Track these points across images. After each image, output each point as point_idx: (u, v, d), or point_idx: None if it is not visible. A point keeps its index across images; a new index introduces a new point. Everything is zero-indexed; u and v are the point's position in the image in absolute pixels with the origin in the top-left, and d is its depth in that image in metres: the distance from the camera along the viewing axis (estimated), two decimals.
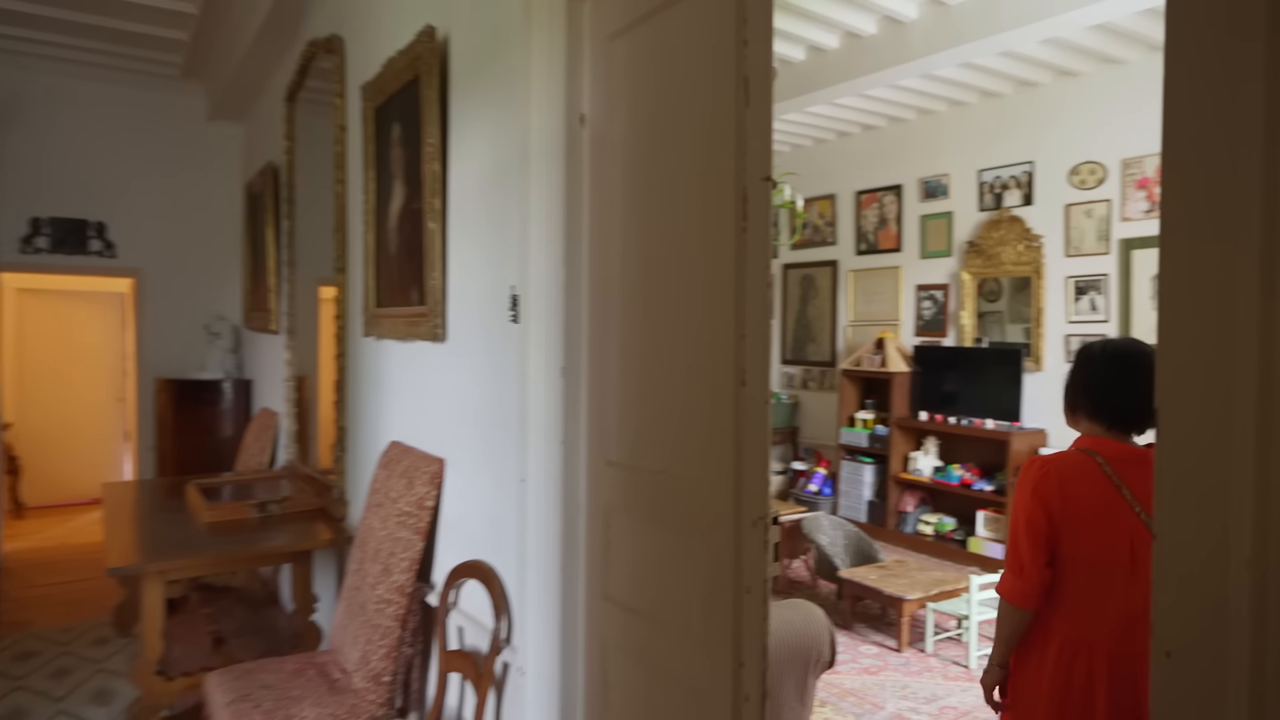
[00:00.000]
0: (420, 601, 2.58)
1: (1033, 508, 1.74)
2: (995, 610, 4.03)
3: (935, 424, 5.95)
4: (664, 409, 1.59)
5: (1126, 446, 1.77)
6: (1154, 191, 5.02)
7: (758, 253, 1.35)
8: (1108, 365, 1.80)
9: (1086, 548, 1.71)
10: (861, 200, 6.94)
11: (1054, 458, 1.79)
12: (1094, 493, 1.72)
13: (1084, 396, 1.82)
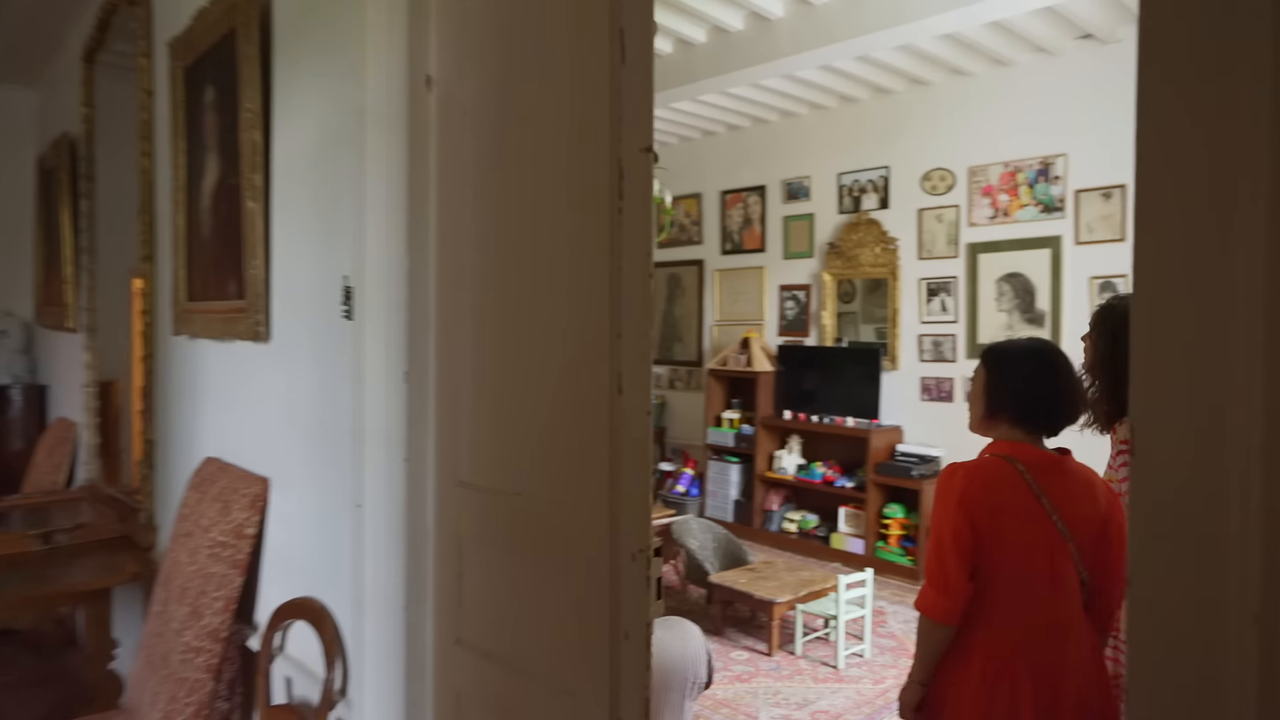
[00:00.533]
0: (239, 647, 2.20)
1: (958, 519, 1.64)
2: (862, 609, 4.08)
3: (799, 422, 6.02)
4: (526, 421, 1.36)
5: (1043, 452, 1.71)
6: (997, 199, 5.29)
7: (637, 237, 1.14)
8: (1033, 368, 1.74)
9: (1009, 559, 1.65)
10: (727, 200, 6.94)
11: (977, 466, 1.71)
12: (1016, 502, 1.65)
13: (1009, 400, 1.74)
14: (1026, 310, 5.17)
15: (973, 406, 1.82)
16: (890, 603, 4.73)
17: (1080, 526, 1.67)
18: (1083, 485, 1.73)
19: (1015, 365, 1.76)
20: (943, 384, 5.55)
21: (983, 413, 1.78)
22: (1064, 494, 1.68)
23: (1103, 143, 4.84)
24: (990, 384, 1.77)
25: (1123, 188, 4.77)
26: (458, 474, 1.55)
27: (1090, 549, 1.68)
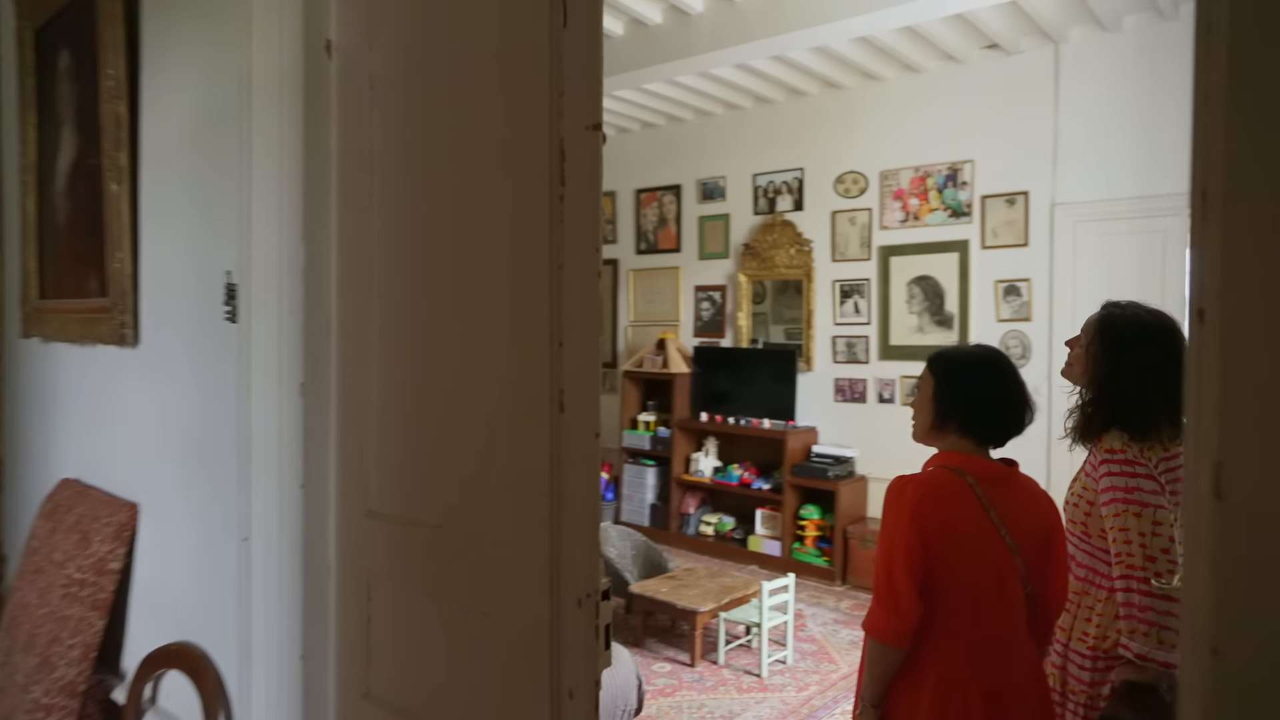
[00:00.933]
0: (101, 702, 1.90)
1: (910, 535, 1.55)
2: (784, 614, 4.04)
3: (715, 424, 5.96)
4: (449, 442, 1.17)
5: (992, 464, 1.65)
6: (908, 203, 5.37)
7: (582, 230, 0.98)
8: (983, 377, 1.67)
9: (960, 575, 1.58)
10: (642, 199, 6.83)
11: (928, 478, 1.63)
12: (966, 516, 1.58)
13: (957, 410, 1.67)
14: (936, 313, 5.27)
15: (918, 415, 1.74)
16: (809, 605, 4.72)
17: (1026, 540, 1.63)
18: (1028, 498, 1.70)
19: (964, 373, 1.69)
20: (856, 385, 5.61)
21: (929, 422, 1.70)
22: (1011, 507, 1.63)
23: (1006, 151, 4.98)
24: (938, 392, 1.70)
25: (1025, 194, 4.92)
26: (365, 502, 1.34)
27: (1035, 563, 1.65)
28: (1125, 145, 4.59)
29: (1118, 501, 1.81)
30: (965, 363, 1.72)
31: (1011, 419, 1.67)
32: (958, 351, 1.77)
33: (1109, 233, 4.67)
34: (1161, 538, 1.79)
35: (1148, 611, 1.67)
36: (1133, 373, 1.82)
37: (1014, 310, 4.98)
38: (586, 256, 0.98)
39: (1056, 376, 4.86)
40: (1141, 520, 1.79)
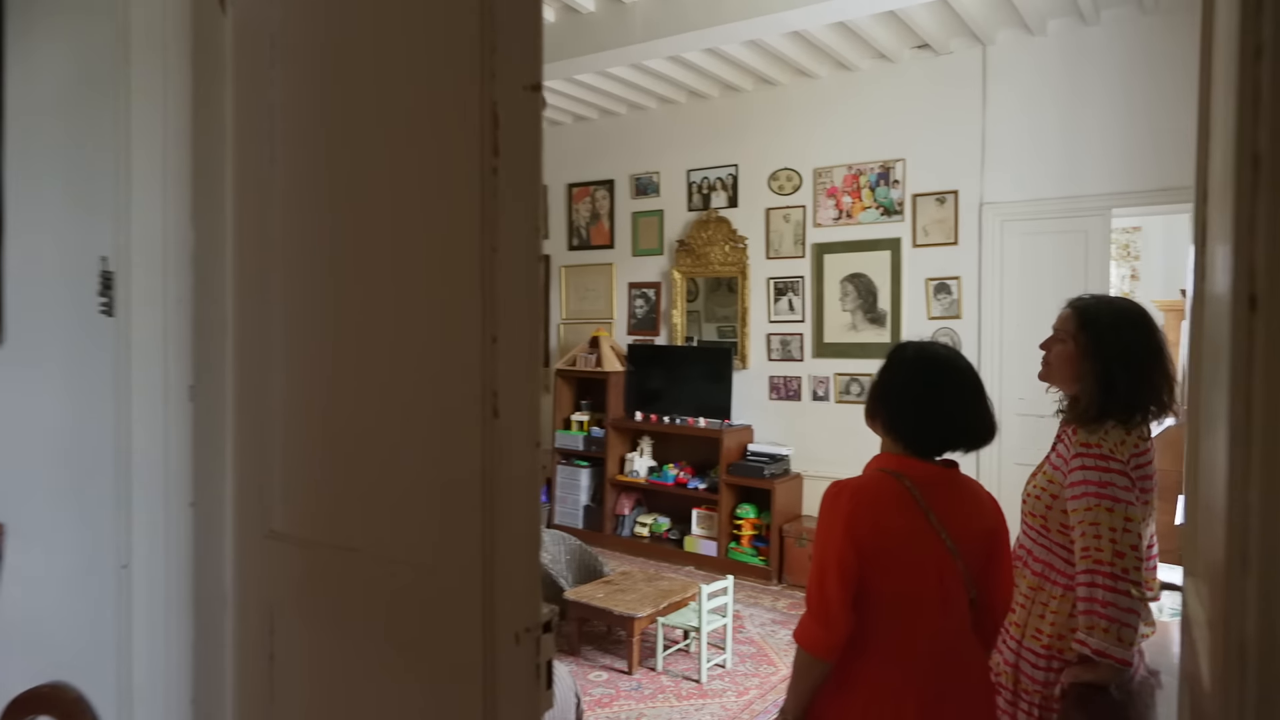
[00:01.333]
0: None
1: (843, 544, 1.47)
2: (723, 618, 3.96)
3: (650, 424, 5.86)
4: (365, 453, 1.01)
5: (932, 467, 1.57)
6: (841, 200, 5.38)
7: (519, 208, 0.85)
8: (917, 374, 1.58)
9: (896, 584, 1.49)
10: (574, 193, 6.67)
11: (863, 484, 1.55)
12: (904, 521, 1.50)
13: (883, 406, 1.60)
14: (869, 310, 5.30)
15: (868, 402, 1.67)
16: (746, 605, 4.67)
17: (968, 543, 1.57)
18: (970, 499, 1.63)
19: (898, 369, 1.62)
20: (791, 383, 5.59)
21: (868, 414, 1.64)
22: (953, 510, 1.56)
23: (936, 150, 5.04)
24: (880, 390, 1.63)
25: (955, 193, 4.98)
26: (267, 522, 1.16)
27: (978, 566, 1.60)
28: (1049, 147, 4.69)
29: (1090, 495, 1.77)
30: (904, 360, 1.62)
31: (945, 434, 1.56)
32: (909, 346, 1.66)
33: (1034, 232, 4.77)
34: (1131, 534, 1.76)
35: (1110, 608, 1.64)
36: (1128, 360, 1.81)
37: (944, 308, 5.04)
38: (524, 238, 0.84)
39: (988, 375, 4.95)
40: (1113, 516, 1.75)
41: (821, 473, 5.42)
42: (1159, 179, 4.38)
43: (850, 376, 5.35)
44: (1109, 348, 1.80)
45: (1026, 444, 4.75)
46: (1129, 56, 4.43)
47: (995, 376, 4.85)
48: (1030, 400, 4.74)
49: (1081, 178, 4.60)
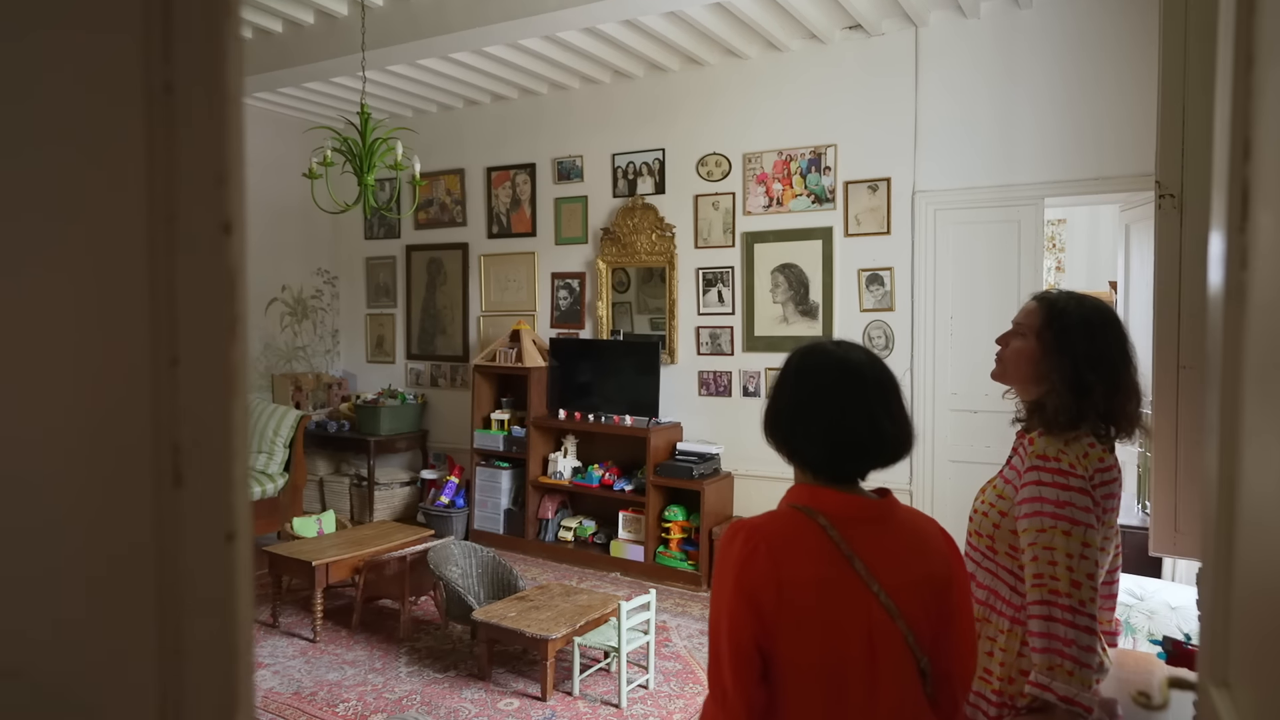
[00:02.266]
0: None
1: (736, 606, 1.17)
2: (645, 634, 3.69)
3: (574, 422, 5.55)
4: None
5: (850, 497, 1.25)
6: (771, 187, 5.15)
7: (199, 148, 0.52)
8: (805, 384, 1.27)
9: (813, 650, 1.17)
10: (493, 178, 6.29)
11: (762, 524, 1.23)
12: (819, 571, 1.18)
13: (776, 428, 1.28)
14: (800, 302, 5.09)
15: (764, 425, 1.34)
16: (673, 615, 4.41)
17: (910, 597, 1.22)
18: (910, 538, 1.29)
19: (801, 392, 1.27)
20: (720, 378, 5.35)
21: (767, 437, 1.31)
22: (885, 553, 1.22)
23: (868, 135, 4.84)
24: (772, 411, 1.30)
25: (887, 181, 4.80)
26: None
27: (927, 626, 1.24)
28: (982, 134, 4.54)
29: (1044, 515, 1.55)
30: (790, 371, 1.30)
31: (852, 451, 1.24)
32: (795, 354, 1.32)
33: (967, 221, 4.62)
34: (1089, 561, 1.55)
35: (1072, 646, 1.41)
36: (1100, 363, 1.59)
37: (877, 300, 4.86)
38: (219, 202, 0.52)
39: (921, 369, 4.81)
40: (1070, 540, 1.54)
41: (753, 471, 5.20)
42: (1093, 168, 4.27)
43: None
44: (1077, 346, 1.59)
45: (960, 441, 4.62)
46: (1063, 41, 4.30)
47: (928, 370, 4.70)
48: (964, 395, 4.60)
49: (1015, 166, 4.46)
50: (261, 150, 6.38)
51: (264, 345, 6.57)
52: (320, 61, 4.62)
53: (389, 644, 3.98)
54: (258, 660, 3.77)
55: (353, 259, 7.10)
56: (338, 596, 4.48)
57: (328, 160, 3.56)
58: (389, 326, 6.89)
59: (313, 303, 6.95)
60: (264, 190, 6.45)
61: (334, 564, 4.02)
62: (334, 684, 3.55)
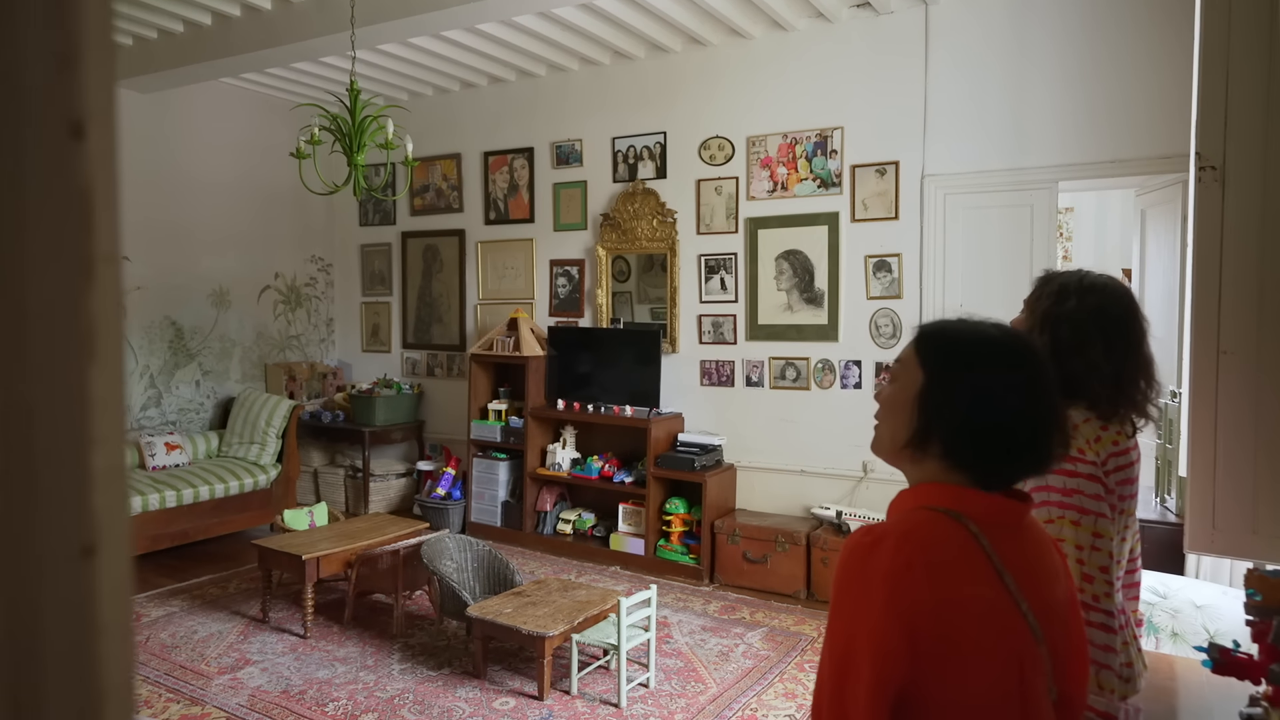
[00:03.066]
0: None
1: (887, 632, 0.95)
2: (646, 632, 3.57)
3: (573, 413, 5.42)
4: None
5: (996, 499, 1.05)
6: (776, 172, 5.01)
7: (39, 24, 0.38)
8: (1003, 378, 1.04)
9: (970, 686, 0.98)
10: (490, 162, 6.14)
11: (910, 531, 1.01)
12: (978, 590, 0.99)
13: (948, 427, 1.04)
14: (805, 290, 4.95)
15: (886, 419, 1.13)
16: (674, 610, 4.29)
17: (1051, 618, 1.04)
18: (1043, 549, 1.10)
19: (971, 370, 1.05)
20: (723, 367, 5.22)
21: (905, 435, 1.08)
22: (1028, 567, 1.04)
23: (876, 118, 4.70)
24: (927, 395, 1.06)
25: (895, 164, 4.65)
26: None
27: (1059, 651, 1.07)
28: (994, 115, 4.39)
29: (1050, 504, 1.46)
30: (978, 352, 1.06)
31: (1031, 454, 1.05)
32: (966, 332, 1.09)
33: (978, 206, 4.48)
34: (1101, 553, 1.44)
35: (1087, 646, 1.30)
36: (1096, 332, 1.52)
37: (884, 287, 4.72)
38: (46, 89, 0.38)
39: None
40: (1080, 530, 1.44)
41: (756, 463, 5.07)
42: (1109, 150, 4.12)
43: (786, 360, 5.00)
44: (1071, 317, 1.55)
45: None
46: (1079, 17, 4.15)
47: None
48: None
49: (1028, 148, 4.32)
50: (251, 133, 6.24)
51: (257, 334, 6.44)
52: (309, 40, 4.46)
53: (382, 640, 3.87)
54: (246, 657, 3.66)
55: (347, 246, 6.96)
56: (330, 591, 4.37)
57: (315, 139, 3.42)
58: (384, 315, 6.76)
59: (307, 290, 6.81)
60: (255, 175, 6.31)
61: (325, 558, 3.90)
62: (324, 682, 3.44)
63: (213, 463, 5.55)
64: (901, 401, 1.10)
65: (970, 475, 1.05)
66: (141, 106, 5.60)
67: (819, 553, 4.47)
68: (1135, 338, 1.58)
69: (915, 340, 1.12)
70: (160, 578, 4.71)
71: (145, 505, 4.84)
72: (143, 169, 5.62)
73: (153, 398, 5.73)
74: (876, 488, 4.71)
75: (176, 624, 4.04)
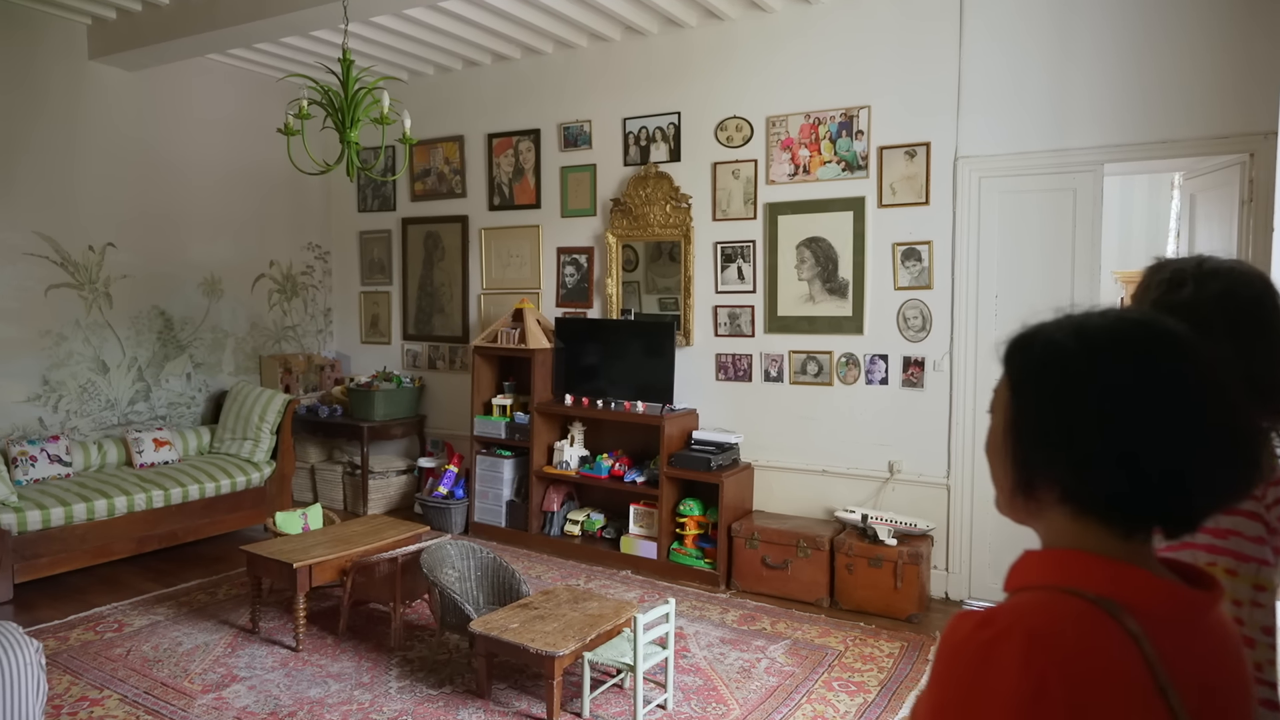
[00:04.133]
0: None
1: None
2: (664, 649, 3.30)
3: (581, 408, 5.15)
4: None
5: (1164, 584, 0.76)
6: (798, 154, 4.71)
7: None
8: (1137, 380, 0.74)
9: None
10: (494, 145, 5.85)
11: (1043, 630, 0.71)
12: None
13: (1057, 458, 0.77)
14: (828, 279, 4.67)
15: (992, 463, 0.86)
16: (690, 620, 4.03)
17: None
18: (1227, 650, 0.79)
19: (1075, 374, 0.76)
20: (740, 361, 4.95)
21: (1011, 481, 0.82)
22: (1204, 685, 0.74)
23: (905, 96, 4.40)
24: (1018, 419, 0.80)
25: (926, 146, 4.36)
26: None
27: None
28: (1033, 92, 4.09)
29: (1198, 549, 1.16)
30: (1081, 349, 0.77)
31: (1200, 485, 0.74)
32: (1064, 326, 0.80)
33: (1016, 190, 4.18)
34: (1264, 610, 1.16)
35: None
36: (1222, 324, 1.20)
37: (913, 277, 4.43)
38: None
39: (961, 353, 4.39)
40: (1237, 583, 1.15)
41: (775, 463, 4.80)
42: (1161, 129, 3.83)
43: (807, 354, 4.72)
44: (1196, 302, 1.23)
45: None
46: None
47: (970, 355, 4.29)
48: None
49: (1070, 128, 4.02)
50: (243, 114, 5.96)
51: (251, 324, 6.17)
52: (300, 10, 4.17)
53: (379, 653, 3.61)
54: (233, 673, 3.41)
55: (345, 233, 6.68)
56: (325, 597, 4.12)
57: (304, 112, 3.13)
58: (384, 305, 6.49)
59: (303, 279, 6.54)
60: (248, 157, 6.02)
61: (318, 565, 3.64)
62: (315, 701, 3.18)
63: (204, 460, 5.30)
64: (997, 437, 0.84)
65: (1114, 528, 0.77)
66: (128, 85, 5.31)
67: (843, 558, 4.20)
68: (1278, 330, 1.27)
69: (1005, 354, 0.85)
70: (146, 583, 4.46)
71: (131, 505, 4.59)
72: (129, 152, 5.34)
73: (141, 391, 5.47)
74: (904, 489, 4.45)
75: (160, 634, 3.79)
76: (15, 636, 2.13)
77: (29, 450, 4.62)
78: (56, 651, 3.60)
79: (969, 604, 4.24)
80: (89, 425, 5.19)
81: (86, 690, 3.25)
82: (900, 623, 4.01)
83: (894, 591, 4.07)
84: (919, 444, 4.42)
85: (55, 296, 5.00)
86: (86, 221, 5.13)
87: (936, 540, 4.34)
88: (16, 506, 4.18)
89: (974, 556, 4.28)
